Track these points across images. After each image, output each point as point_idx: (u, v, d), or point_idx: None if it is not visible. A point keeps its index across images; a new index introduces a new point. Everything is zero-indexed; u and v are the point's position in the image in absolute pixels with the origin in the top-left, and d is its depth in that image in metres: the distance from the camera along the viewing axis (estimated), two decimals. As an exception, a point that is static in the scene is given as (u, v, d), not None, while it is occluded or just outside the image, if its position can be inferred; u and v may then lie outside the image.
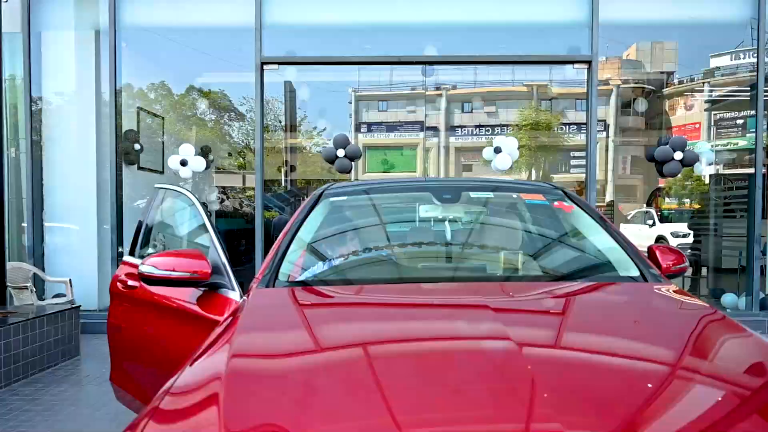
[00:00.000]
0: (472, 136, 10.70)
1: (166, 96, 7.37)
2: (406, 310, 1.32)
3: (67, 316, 3.91)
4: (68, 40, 5.30)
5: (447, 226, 1.98)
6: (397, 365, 0.93)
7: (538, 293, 1.43)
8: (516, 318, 1.19)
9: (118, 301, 2.17)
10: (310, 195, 1.93)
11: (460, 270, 1.74)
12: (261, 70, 5.05)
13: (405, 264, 1.78)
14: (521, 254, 1.78)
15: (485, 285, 1.53)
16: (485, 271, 1.71)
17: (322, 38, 5.69)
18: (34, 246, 5.22)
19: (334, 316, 1.29)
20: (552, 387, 0.79)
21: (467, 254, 1.84)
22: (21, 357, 3.40)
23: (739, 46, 8.03)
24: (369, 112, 11.42)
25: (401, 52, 5.21)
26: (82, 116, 5.31)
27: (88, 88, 5.29)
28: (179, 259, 1.60)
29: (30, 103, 5.08)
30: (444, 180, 3.03)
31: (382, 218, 1.97)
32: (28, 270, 4.76)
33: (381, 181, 2.70)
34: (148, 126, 6.53)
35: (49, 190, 5.35)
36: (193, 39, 5.98)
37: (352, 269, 1.72)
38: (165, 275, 1.57)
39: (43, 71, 5.20)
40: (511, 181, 2.87)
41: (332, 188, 2.02)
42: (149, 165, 6.34)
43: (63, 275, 5.18)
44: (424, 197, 1.99)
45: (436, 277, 1.64)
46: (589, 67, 4.87)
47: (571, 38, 5.14)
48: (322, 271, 1.65)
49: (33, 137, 5.14)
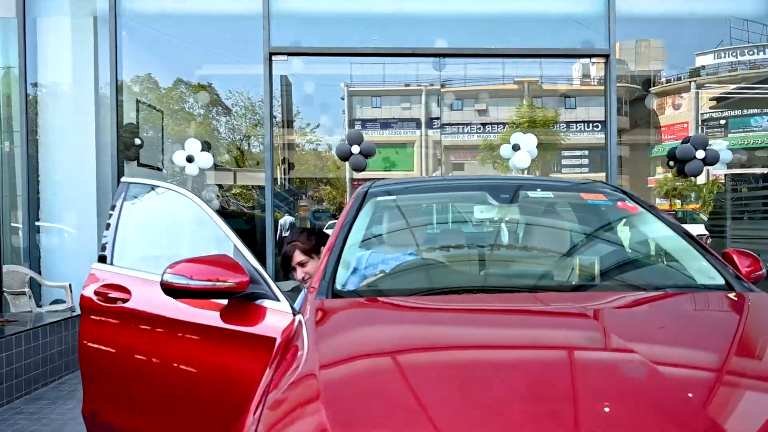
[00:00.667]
0: (465, 134, 10.54)
1: (170, 89, 7.08)
2: (503, 320, 1.17)
3: (70, 325, 3.67)
4: (65, 26, 5.00)
5: (504, 228, 1.80)
6: (518, 382, 0.83)
7: (632, 303, 1.29)
8: (629, 331, 1.07)
9: (96, 319, 1.75)
10: (354, 194, 1.75)
11: (533, 277, 1.57)
12: (269, 61, 4.81)
13: (472, 270, 1.61)
14: (595, 260, 1.62)
15: (570, 294, 1.37)
16: (560, 279, 1.55)
17: (330, 29, 5.46)
18: (30, 248, 4.94)
19: (423, 332, 1.12)
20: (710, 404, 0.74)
21: (535, 260, 1.67)
22: (23, 371, 3.16)
23: (719, 45, 8.00)
24: (385, 108, 11.20)
25: (412, 43, 5.01)
26: (81, 108, 5.02)
27: (86, 79, 5.00)
28: (213, 268, 1.39)
29: (25, 93, 4.78)
30: (495, 178, 2.74)
31: (435, 219, 1.80)
32: (24, 274, 4.49)
33: (427, 179, 2.50)
34: (147, 120, 6.25)
35: (46, 188, 5.07)
36: (196, 28, 5.71)
37: (415, 277, 1.55)
38: (199, 286, 1.35)
39: (39, 60, 4.89)
40: (565, 180, 2.70)
41: (376, 187, 1.83)
42: (148, 161, 6.08)
43: (61, 279, 4.91)
44: (478, 197, 1.81)
45: (512, 286, 1.46)
46: (607, 61, 4.72)
47: (586, 31, 4.99)
48: (386, 280, 1.47)
49: (28, 130, 4.84)
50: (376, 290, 1.42)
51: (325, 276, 1.36)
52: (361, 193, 1.74)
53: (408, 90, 11.27)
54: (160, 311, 1.62)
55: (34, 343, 3.28)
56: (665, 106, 12.56)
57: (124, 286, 1.70)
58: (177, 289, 1.36)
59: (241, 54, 6.29)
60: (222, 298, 1.43)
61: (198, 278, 1.35)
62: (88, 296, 1.76)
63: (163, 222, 1.98)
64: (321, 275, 1.37)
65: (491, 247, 1.69)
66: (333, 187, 11.33)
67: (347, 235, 1.52)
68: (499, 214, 1.73)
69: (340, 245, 1.47)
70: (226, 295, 1.41)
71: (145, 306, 1.66)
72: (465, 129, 10.56)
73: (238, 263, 1.43)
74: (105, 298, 1.73)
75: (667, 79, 12.05)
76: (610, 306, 1.25)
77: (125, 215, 1.86)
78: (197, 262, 1.38)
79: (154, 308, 1.63)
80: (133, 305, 1.68)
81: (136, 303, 1.68)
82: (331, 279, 1.35)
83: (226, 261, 1.43)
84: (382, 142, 10.87)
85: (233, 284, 1.37)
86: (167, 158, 6.33)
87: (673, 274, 1.60)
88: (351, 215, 1.60)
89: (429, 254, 1.67)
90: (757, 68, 9.71)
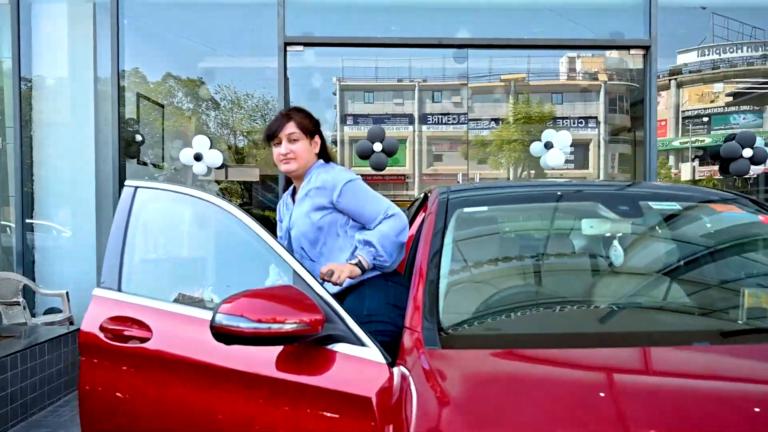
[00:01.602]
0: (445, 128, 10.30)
1: (178, 82, 6.70)
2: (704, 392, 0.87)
3: (70, 341, 3.31)
4: (62, 13, 4.61)
5: (619, 248, 1.47)
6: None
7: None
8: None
9: (104, 363, 1.33)
10: (433, 204, 1.42)
11: (694, 316, 1.23)
12: (284, 52, 4.47)
13: (606, 307, 1.28)
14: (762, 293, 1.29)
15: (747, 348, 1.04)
16: (728, 318, 1.22)
17: (345, 18, 5.13)
18: (24, 251, 4.56)
19: (595, 409, 0.81)
20: None
21: (685, 292, 1.32)
22: (18, 395, 2.81)
23: (702, 42, 7.82)
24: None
25: (430, 33, 4.68)
26: (79, 102, 4.65)
27: (85, 70, 4.63)
28: (281, 306, 1.05)
29: (20, 85, 4.39)
30: (603, 185, 2.12)
31: (537, 236, 1.47)
32: (18, 281, 4.13)
33: (513, 184, 2.15)
34: (147, 115, 5.88)
35: (41, 187, 4.69)
36: (201, 16, 5.35)
37: (541, 317, 1.21)
38: (264, 330, 1.02)
39: (33, 50, 4.51)
40: (686, 187, 2.31)
41: (456, 193, 1.50)
42: (148, 158, 5.72)
43: (56, 284, 4.55)
44: (587, 208, 1.49)
45: (672, 332, 1.13)
46: (647, 53, 4.42)
47: (625, 21, 4.69)
48: (507, 322, 1.15)
49: (23, 125, 4.45)
50: (497, 335, 1.10)
51: (427, 313, 1.03)
52: (441, 201, 1.41)
53: (401, 85, 11.01)
54: (195, 355, 1.22)
55: (31, 364, 2.93)
56: (661, 103, 12.46)
57: (140, 321, 1.31)
58: (234, 335, 1.02)
59: (248, 45, 5.95)
60: (289, 343, 1.08)
61: (259, 319, 1.01)
62: (91, 332, 1.33)
63: (183, 235, 1.60)
64: (418, 313, 1.05)
65: (622, 275, 1.36)
66: None
67: (440, 258, 1.19)
68: (614, 230, 1.39)
69: (436, 272, 1.14)
70: (295, 339, 1.06)
71: (174, 348, 1.26)
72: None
73: (308, 296, 1.10)
74: (115, 335, 1.32)
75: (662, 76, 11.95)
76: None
77: (134, 227, 1.43)
78: (259, 296, 1.04)
79: (186, 351, 1.23)
80: (156, 346, 1.27)
81: (161, 343, 1.27)
82: (435, 318, 1.02)
83: (295, 295, 1.09)
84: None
85: (306, 326, 1.03)
86: (168, 155, 5.97)
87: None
88: (439, 231, 1.28)
89: (546, 284, 1.34)
90: (735, 66, 9.67)
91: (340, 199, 1.44)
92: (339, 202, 1.45)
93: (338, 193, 1.44)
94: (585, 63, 12.33)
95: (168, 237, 1.56)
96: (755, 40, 6.80)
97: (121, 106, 4.48)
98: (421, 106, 11.67)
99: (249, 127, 7.71)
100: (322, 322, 1.07)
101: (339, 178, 1.47)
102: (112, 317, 1.34)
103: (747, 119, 10.34)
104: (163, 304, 1.33)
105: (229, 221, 1.32)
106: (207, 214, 1.42)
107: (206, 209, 1.38)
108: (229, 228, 1.39)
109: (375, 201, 1.46)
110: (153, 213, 1.49)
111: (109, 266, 1.37)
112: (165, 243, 1.49)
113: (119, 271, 1.37)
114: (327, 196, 1.45)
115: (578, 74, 12.06)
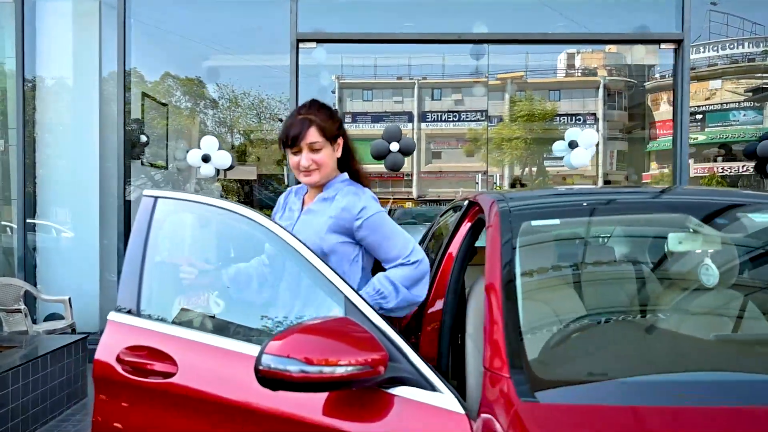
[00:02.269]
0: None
1: (184, 81, 6.54)
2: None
3: (73, 351, 3.13)
4: (67, 11, 4.45)
5: (713, 266, 1.26)
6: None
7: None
8: None
9: (121, 398, 1.15)
10: (492, 216, 1.22)
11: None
12: (296, 49, 4.29)
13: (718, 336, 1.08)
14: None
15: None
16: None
17: (358, 15, 4.96)
18: (26, 257, 4.39)
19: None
20: None
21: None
22: (20, 411, 2.63)
23: (696, 40, 7.68)
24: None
25: (450, 29, 4.50)
26: (83, 102, 4.48)
27: (90, 69, 4.46)
28: (334, 341, 0.87)
29: (23, 86, 4.22)
30: (691, 192, 1.64)
31: (623, 254, 1.26)
32: (19, 287, 3.96)
33: (580, 190, 1.91)
34: (152, 115, 5.71)
35: (43, 189, 4.52)
36: (208, 14, 5.18)
37: (649, 356, 1.01)
38: (314, 375, 0.83)
39: (38, 49, 4.35)
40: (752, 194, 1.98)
41: (518, 204, 1.30)
42: (152, 159, 5.55)
43: (58, 289, 4.39)
44: (675, 220, 1.28)
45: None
46: (679, 47, 4.22)
47: (654, 13, 4.50)
48: (613, 365, 0.95)
49: (25, 126, 4.28)
50: (606, 383, 0.90)
51: (512, 353, 0.84)
52: (502, 212, 1.20)
53: (400, 83, 10.90)
54: (230, 395, 1.02)
55: (33, 377, 2.75)
56: (660, 102, 12.27)
57: (163, 351, 1.12)
58: (282, 380, 0.83)
59: (255, 43, 5.78)
60: (346, 387, 0.88)
61: (314, 360, 0.82)
62: (107, 362, 1.14)
63: (210, 252, 1.39)
64: (503, 351, 0.85)
65: (729, 299, 1.15)
66: None
67: (516, 283, 0.99)
68: (706, 246, 1.18)
69: (513, 299, 0.95)
70: (353, 383, 0.88)
71: (204, 385, 1.05)
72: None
73: (367, 331, 0.91)
74: (134, 368, 1.13)
75: (661, 74, 11.76)
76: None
77: (155, 242, 1.23)
78: (312, 331, 0.85)
79: (219, 389, 1.04)
80: (182, 381, 1.07)
81: (188, 379, 1.07)
82: (523, 360, 0.84)
83: (352, 329, 0.90)
84: (372, 135, 10.45)
85: (366, 368, 0.85)
86: (171, 155, 5.81)
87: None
88: (509, 251, 1.07)
89: (640, 311, 1.14)
90: (735, 62, 9.58)
91: (362, 230, 1.27)
92: (360, 231, 1.27)
93: (362, 223, 1.26)
94: (585, 59, 12.20)
95: (193, 254, 1.35)
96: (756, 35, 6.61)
97: (128, 105, 4.32)
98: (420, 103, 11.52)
99: (252, 126, 7.54)
100: (384, 361, 0.88)
101: (370, 206, 1.29)
102: (130, 347, 1.15)
103: (747, 116, 10.20)
104: (190, 332, 1.13)
105: (265, 237, 1.14)
106: (237, 228, 1.23)
107: (237, 223, 1.19)
108: (262, 244, 1.21)
109: (399, 237, 1.28)
110: (175, 227, 1.30)
111: (126, 287, 1.18)
112: (189, 261, 1.28)
113: (138, 293, 1.17)
114: (350, 222, 1.27)
115: (577, 70, 11.94)
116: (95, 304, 4.58)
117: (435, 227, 2.39)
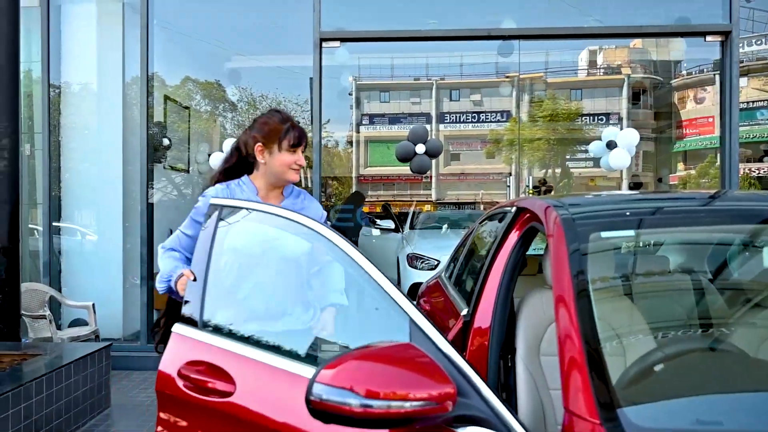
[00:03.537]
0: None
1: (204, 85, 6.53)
2: None
3: (96, 360, 3.06)
4: (91, 14, 4.44)
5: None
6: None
7: None
8: None
9: (180, 417, 1.10)
10: (553, 225, 1.06)
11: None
12: (320, 48, 4.18)
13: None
14: None
15: None
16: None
17: (380, 13, 4.83)
18: (51, 261, 4.38)
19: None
20: None
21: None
22: (43, 422, 2.56)
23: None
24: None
25: (478, 25, 4.32)
26: (107, 105, 4.47)
27: (114, 72, 4.44)
28: (399, 370, 0.73)
29: (48, 91, 4.21)
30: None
31: (710, 271, 1.08)
32: (44, 293, 3.93)
33: (646, 195, 1.73)
34: (174, 118, 5.69)
35: (68, 193, 4.51)
36: (229, 16, 5.13)
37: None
38: (378, 411, 0.71)
39: (63, 53, 4.34)
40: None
41: (582, 212, 1.14)
42: (173, 162, 5.52)
43: (82, 294, 4.36)
44: (762, 231, 1.10)
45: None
46: (726, 39, 3.96)
47: (691, 3, 4.25)
48: (712, 406, 0.78)
49: (50, 131, 4.28)
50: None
51: (599, 394, 0.71)
52: (565, 221, 1.04)
53: (418, 84, 10.74)
54: (284, 418, 0.93)
55: (57, 387, 2.68)
56: (686, 100, 11.84)
57: (223, 370, 1.04)
58: (338, 414, 0.71)
59: (276, 45, 5.72)
60: (407, 425, 0.75)
61: (379, 394, 0.69)
62: (170, 375, 1.10)
63: (273, 266, 1.31)
64: (589, 391, 0.70)
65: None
66: (339, 183, 10.86)
67: (591, 307, 0.83)
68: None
69: (591, 327, 0.79)
70: (415, 420, 0.74)
71: (263, 407, 0.97)
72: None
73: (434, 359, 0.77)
74: (194, 385, 1.07)
75: (688, 71, 11.32)
76: None
77: (219, 252, 1.17)
78: (371, 358, 0.72)
79: (274, 413, 0.95)
80: (239, 401, 1.00)
81: (246, 399, 0.99)
82: (613, 402, 0.71)
83: (417, 358, 0.76)
84: (390, 137, 10.30)
85: (433, 404, 0.72)
86: (193, 159, 5.78)
87: None
88: (580, 269, 0.92)
89: (738, 340, 0.97)
90: (763, 59, 9.14)
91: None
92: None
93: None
94: (607, 56, 11.84)
95: (255, 266, 1.27)
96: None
97: (151, 109, 4.27)
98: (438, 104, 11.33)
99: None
100: (453, 396, 0.74)
101: (321, 212, 1.58)
102: (190, 361, 1.09)
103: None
104: (249, 350, 1.04)
105: (331, 252, 1.04)
106: (303, 241, 1.17)
107: (304, 236, 1.13)
108: (324, 256, 1.12)
109: None
110: (239, 237, 1.23)
111: (191, 298, 1.15)
112: (252, 274, 1.22)
113: (201, 304, 1.11)
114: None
115: (599, 69, 11.62)
116: (119, 308, 4.55)
117: (472, 235, 2.25)
